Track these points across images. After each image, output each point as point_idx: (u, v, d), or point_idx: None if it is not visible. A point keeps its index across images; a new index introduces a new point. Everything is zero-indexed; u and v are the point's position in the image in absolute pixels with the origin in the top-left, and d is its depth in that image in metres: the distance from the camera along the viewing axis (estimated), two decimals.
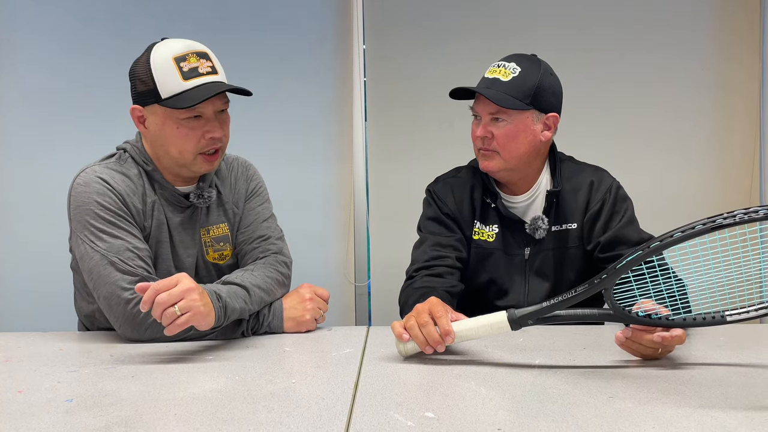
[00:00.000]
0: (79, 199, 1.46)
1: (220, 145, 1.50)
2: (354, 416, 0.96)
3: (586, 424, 0.91)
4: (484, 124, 1.60)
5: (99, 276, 1.41)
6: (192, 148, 1.47)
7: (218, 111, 1.48)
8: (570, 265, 1.64)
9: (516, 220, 1.65)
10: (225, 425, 0.92)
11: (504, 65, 1.59)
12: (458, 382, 1.11)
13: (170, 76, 1.42)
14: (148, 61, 1.44)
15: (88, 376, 1.19)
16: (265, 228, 1.64)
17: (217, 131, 1.48)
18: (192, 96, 1.41)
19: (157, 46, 1.47)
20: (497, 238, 1.66)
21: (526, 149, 1.60)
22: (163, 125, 1.46)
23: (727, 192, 2.78)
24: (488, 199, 1.67)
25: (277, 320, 1.49)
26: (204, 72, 1.44)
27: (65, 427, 0.93)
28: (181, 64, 1.43)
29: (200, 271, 1.60)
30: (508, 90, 1.56)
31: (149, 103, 1.46)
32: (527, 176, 1.66)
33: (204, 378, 1.16)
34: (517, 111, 1.56)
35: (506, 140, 1.58)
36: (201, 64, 1.44)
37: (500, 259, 1.66)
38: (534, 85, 1.57)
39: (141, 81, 1.45)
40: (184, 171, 1.53)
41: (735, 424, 0.90)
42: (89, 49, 2.69)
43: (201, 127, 1.46)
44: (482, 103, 1.59)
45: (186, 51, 1.45)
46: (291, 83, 2.77)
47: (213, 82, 1.44)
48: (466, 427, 0.90)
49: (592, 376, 1.13)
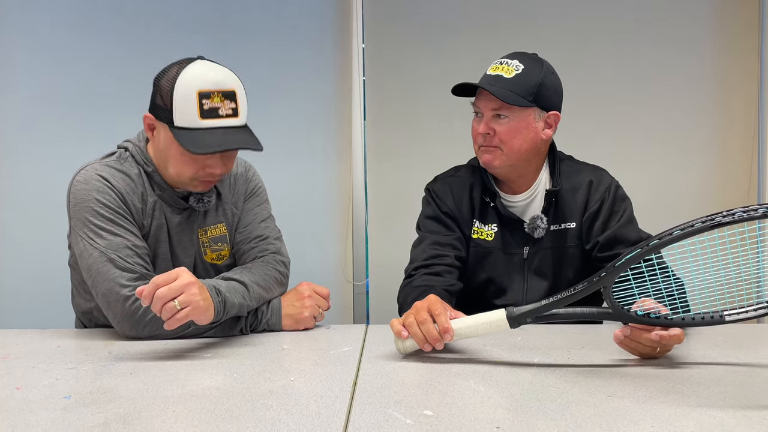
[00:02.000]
0: (79, 197, 1.46)
1: (218, 178, 1.50)
2: (352, 414, 0.96)
3: (584, 422, 0.91)
4: (486, 121, 1.59)
5: (98, 273, 1.41)
6: (190, 174, 1.47)
7: None
8: (569, 265, 1.64)
9: (515, 219, 1.65)
10: (223, 423, 0.92)
11: (507, 62, 1.59)
12: (457, 380, 1.11)
13: (189, 109, 1.39)
14: (173, 82, 1.40)
15: (86, 373, 1.19)
16: (263, 228, 1.63)
17: (218, 168, 1.47)
18: (202, 141, 1.39)
19: (189, 68, 1.42)
20: (496, 237, 1.66)
21: (528, 146, 1.60)
22: (168, 146, 1.45)
23: (726, 190, 2.78)
24: (487, 198, 1.67)
25: (275, 318, 1.49)
26: (224, 114, 1.41)
27: (63, 424, 0.93)
28: (204, 101, 1.39)
29: (198, 271, 1.59)
30: (511, 87, 1.56)
31: (162, 119, 1.44)
32: (526, 174, 1.66)
33: (202, 375, 1.16)
34: (519, 108, 1.56)
35: (508, 137, 1.58)
36: (224, 105, 1.41)
37: (499, 258, 1.65)
38: (537, 83, 1.57)
39: (161, 97, 1.43)
40: (178, 186, 1.53)
41: (733, 423, 0.91)
42: (88, 48, 2.68)
43: (203, 161, 1.45)
44: (485, 99, 1.59)
45: (213, 88, 1.40)
46: (290, 82, 2.77)
47: (229, 128, 1.42)
48: (465, 425, 0.90)
49: (590, 374, 1.13)
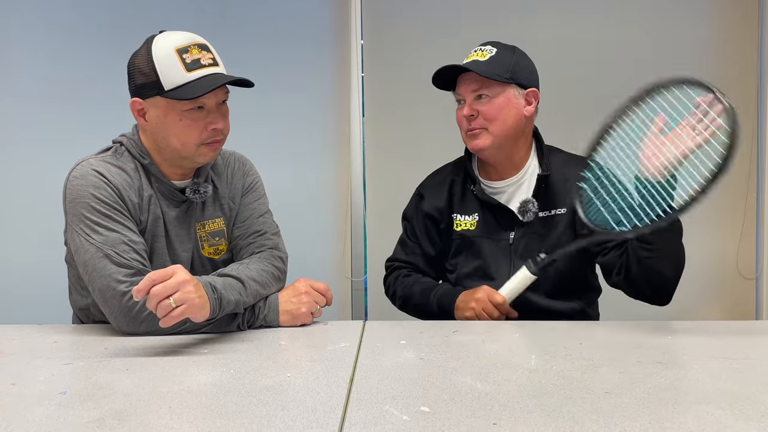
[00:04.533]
0: (75, 192, 1.45)
1: (222, 136, 1.51)
2: (349, 410, 0.95)
3: (581, 419, 0.91)
4: (468, 104, 1.66)
5: (94, 269, 1.40)
6: (195, 139, 1.47)
7: (219, 102, 1.49)
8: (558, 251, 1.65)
9: (495, 204, 1.67)
10: (219, 418, 0.92)
11: (481, 49, 1.68)
12: (454, 376, 1.11)
13: (173, 68, 1.41)
14: (149, 53, 1.43)
15: (82, 369, 1.18)
16: (261, 223, 1.63)
17: (220, 122, 1.48)
18: (196, 87, 1.41)
19: (158, 38, 1.45)
20: (479, 224, 1.70)
21: (512, 122, 1.65)
22: (165, 117, 1.45)
23: (726, 187, 2.78)
24: (470, 186, 1.73)
25: (272, 314, 1.48)
26: (206, 63, 1.44)
27: (59, 420, 0.93)
28: (184, 55, 1.42)
29: (195, 265, 1.59)
30: (488, 66, 1.63)
31: (150, 96, 1.45)
32: (513, 157, 1.70)
33: (199, 371, 1.16)
34: (499, 85, 1.63)
35: (492, 114, 1.64)
36: (203, 55, 1.44)
37: (484, 245, 1.69)
38: (511, 62, 1.65)
39: (142, 73, 1.44)
40: (185, 163, 1.52)
41: (731, 419, 0.90)
42: (85, 45, 2.68)
43: (203, 119, 1.46)
44: (465, 83, 1.66)
45: (188, 43, 1.44)
46: (288, 79, 2.77)
47: (215, 74, 1.45)
48: (462, 422, 0.90)
49: (587, 371, 1.12)
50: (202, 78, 1.42)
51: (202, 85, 1.41)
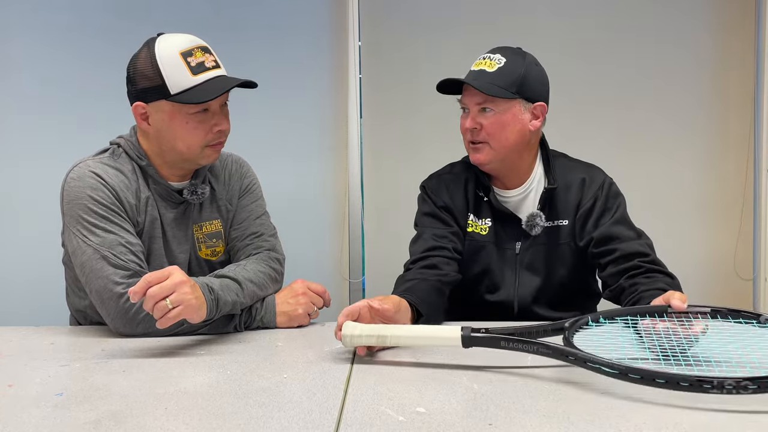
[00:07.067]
0: (72, 194, 1.45)
1: (225, 137, 1.53)
2: (345, 411, 0.96)
3: (577, 419, 0.91)
4: (472, 116, 1.60)
5: (91, 270, 1.40)
6: (200, 141, 1.48)
7: (222, 104, 1.50)
8: (560, 262, 1.64)
9: (508, 214, 1.65)
10: (216, 419, 0.92)
11: (489, 57, 1.61)
12: (449, 377, 1.11)
13: (179, 72, 1.41)
14: (152, 57, 1.42)
15: (79, 370, 1.18)
16: (258, 225, 1.63)
17: (224, 124, 1.50)
18: (204, 91, 1.41)
19: (159, 41, 1.45)
20: (490, 231, 1.66)
21: (516, 138, 1.60)
22: (171, 121, 1.45)
23: (723, 188, 2.79)
24: (481, 193, 1.68)
25: (269, 315, 1.48)
26: (210, 66, 1.44)
27: (55, 421, 0.93)
28: (188, 59, 1.42)
29: (193, 267, 1.59)
30: (493, 80, 1.57)
31: (154, 100, 1.44)
32: (518, 168, 1.66)
33: (195, 372, 1.16)
34: (504, 100, 1.57)
35: (495, 130, 1.58)
36: (206, 58, 1.45)
37: (492, 252, 1.66)
38: (520, 74, 1.58)
39: (146, 77, 1.43)
40: (187, 165, 1.53)
41: (726, 419, 0.91)
42: (84, 47, 2.68)
43: (209, 121, 1.47)
44: (469, 94, 1.60)
45: (191, 46, 1.44)
46: (286, 79, 2.76)
47: (220, 77, 1.45)
48: (458, 423, 0.91)
49: (583, 372, 1.12)
50: (208, 81, 1.43)
51: (210, 89, 1.42)
